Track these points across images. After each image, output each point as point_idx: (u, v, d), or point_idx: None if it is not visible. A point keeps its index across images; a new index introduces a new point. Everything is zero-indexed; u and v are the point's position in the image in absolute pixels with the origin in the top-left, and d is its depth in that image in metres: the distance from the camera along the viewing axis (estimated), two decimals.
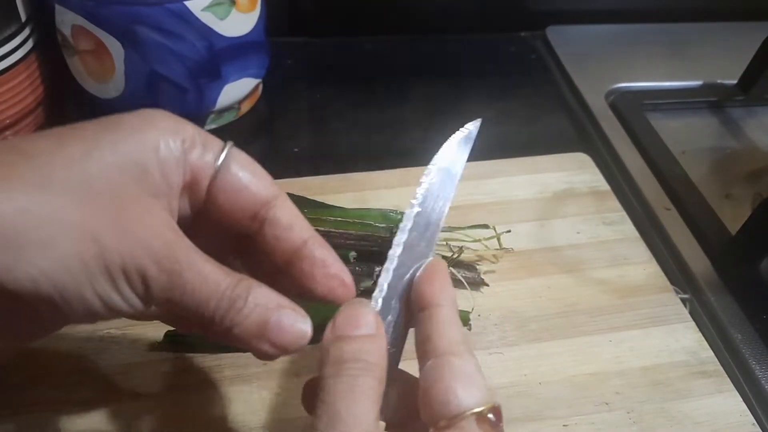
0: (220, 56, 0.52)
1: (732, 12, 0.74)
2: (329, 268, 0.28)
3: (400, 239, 0.28)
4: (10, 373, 0.37)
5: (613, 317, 0.43)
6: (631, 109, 0.62)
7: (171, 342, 0.39)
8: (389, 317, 0.27)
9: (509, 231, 0.46)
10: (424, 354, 0.26)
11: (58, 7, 0.50)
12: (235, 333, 0.26)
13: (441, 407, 0.24)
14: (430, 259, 0.29)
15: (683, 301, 0.45)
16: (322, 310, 0.27)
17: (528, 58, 0.71)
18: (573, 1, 0.74)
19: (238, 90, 0.56)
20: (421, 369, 0.26)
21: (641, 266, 0.46)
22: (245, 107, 0.59)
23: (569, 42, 0.71)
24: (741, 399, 0.39)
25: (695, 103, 0.66)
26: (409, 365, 0.28)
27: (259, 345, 0.26)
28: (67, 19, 0.50)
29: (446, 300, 0.27)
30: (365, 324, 0.25)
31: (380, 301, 0.27)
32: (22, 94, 0.51)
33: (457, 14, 0.72)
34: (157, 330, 0.39)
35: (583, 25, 0.73)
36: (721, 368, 0.41)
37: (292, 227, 0.28)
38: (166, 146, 0.26)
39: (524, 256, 0.46)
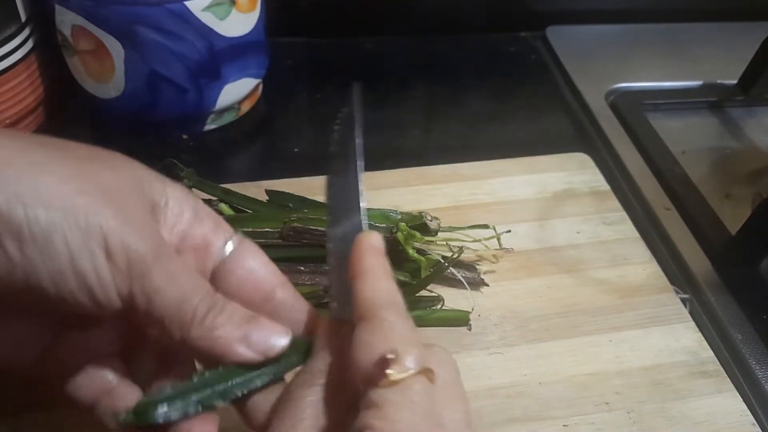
0: (220, 56, 0.52)
1: (732, 12, 0.74)
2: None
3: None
4: (10, 373, 0.37)
5: (613, 317, 0.43)
6: (631, 109, 0.62)
7: None
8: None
9: (509, 231, 0.46)
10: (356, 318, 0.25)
11: (58, 8, 0.50)
12: (217, 335, 0.25)
13: (359, 369, 0.23)
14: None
15: (683, 301, 0.45)
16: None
17: (528, 58, 0.71)
18: (573, 1, 0.74)
19: (238, 90, 0.56)
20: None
21: (641, 266, 0.46)
22: (245, 107, 0.59)
23: (569, 42, 0.71)
24: (741, 399, 0.39)
25: (695, 103, 0.66)
26: None
27: (239, 348, 0.25)
28: (67, 19, 0.50)
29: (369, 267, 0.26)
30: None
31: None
32: (22, 94, 0.51)
33: (457, 14, 0.72)
34: None
35: (583, 25, 0.73)
36: (721, 368, 0.41)
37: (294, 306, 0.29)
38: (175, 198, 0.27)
39: (524, 256, 0.46)
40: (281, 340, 0.26)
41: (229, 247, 0.28)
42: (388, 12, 0.70)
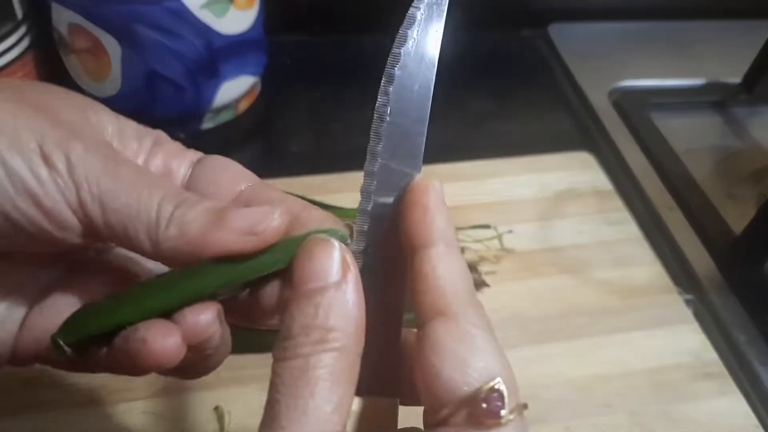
0: (217, 54, 0.52)
1: (736, 10, 0.74)
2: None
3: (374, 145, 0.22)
4: (10, 374, 0.37)
5: (615, 318, 0.43)
6: (635, 107, 0.61)
7: None
8: (373, 263, 0.21)
9: (511, 231, 0.46)
10: (420, 313, 0.20)
11: (54, 5, 0.49)
12: (193, 228, 0.21)
13: (445, 387, 0.19)
14: (417, 176, 0.22)
15: (687, 302, 0.44)
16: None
17: (530, 57, 0.71)
18: None
19: (235, 88, 0.55)
20: (419, 331, 0.20)
21: (644, 267, 0.46)
22: (243, 105, 0.59)
23: (572, 40, 0.71)
24: (745, 401, 0.39)
25: (699, 102, 0.65)
26: None
27: (224, 236, 0.21)
28: (63, 18, 0.49)
29: (435, 235, 0.20)
30: (330, 270, 0.20)
31: (360, 239, 0.21)
32: None
33: (458, 12, 0.71)
34: None
35: (586, 23, 0.73)
36: (724, 370, 0.40)
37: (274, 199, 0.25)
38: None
39: (526, 257, 0.46)
40: (274, 220, 0.21)
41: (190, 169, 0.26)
42: (387, 9, 0.70)
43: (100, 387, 0.37)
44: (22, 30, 0.50)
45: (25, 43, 0.51)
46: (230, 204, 0.24)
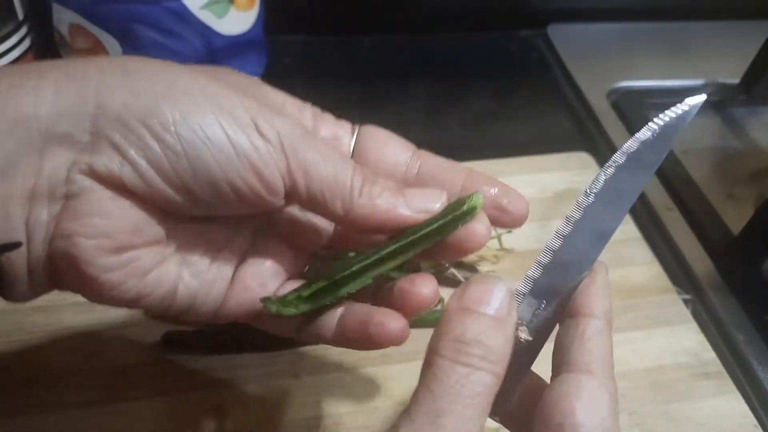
0: (218, 54, 0.52)
1: (735, 11, 0.74)
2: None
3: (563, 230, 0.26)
4: (9, 374, 0.37)
5: (614, 318, 0.42)
6: (634, 108, 0.62)
7: (169, 343, 0.39)
8: (534, 310, 0.25)
9: (510, 231, 0.46)
10: (559, 364, 0.24)
11: (55, 6, 0.49)
12: (378, 203, 0.25)
13: (557, 429, 0.22)
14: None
15: (685, 302, 0.44)
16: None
17: (529, 57, 0.71)
18: None
19: None
20: (552, 378, 0.24)
21: (643, 267, 0.46)
22: None
23: (571, 40, 0.71)
24: (743, 400, 0.39)
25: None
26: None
27: (403, 210, 0.26)
28: (64, 18, 0.49)
29: (600, 311, 0.24)
30: (496, 303, 0.23)
31: (524, 291, 0.25)
32: None
33: (457, 12, 0.72)
34: (155, 331, 0.39)
35: (585, 24, 0.73)
36: (723, 370, 0.40)
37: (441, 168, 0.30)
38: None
39: (525, 257, 0.46)
40: (441, 198, 0.26)
41: (354, 139, 0.29)
42: (387, 10, 0.70)
43: (100, 387, 0.37)
44: (23, 30, 0.50)
45: (26, 43, 0.51)
46: (403, 173, 0.29)
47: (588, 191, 0.26)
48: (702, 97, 0.26)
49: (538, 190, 0.51)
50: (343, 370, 0.39)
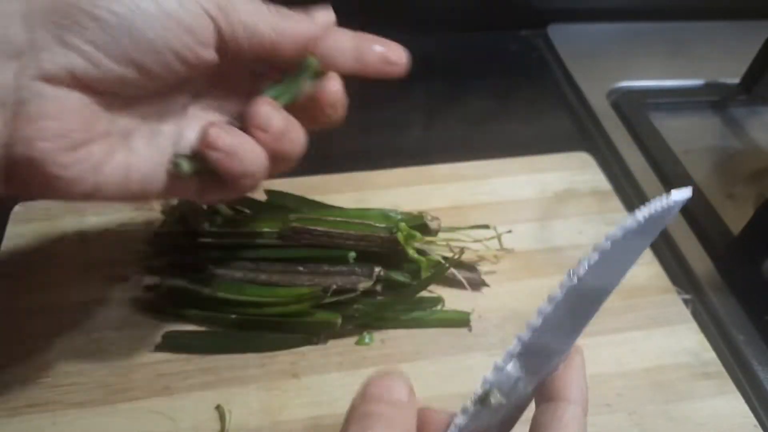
0: None
1: (735, 11, 0.74)
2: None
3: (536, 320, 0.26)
4: (8, 374, 0.37)
5: (614, 318, 0.43)
6: (634, 108, 0.62)
7: (168, 343, 0.39)
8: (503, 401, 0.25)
9: (510, 231, 0.46)
10: None
11: None
12: (296, 25, 0.31)
13: None
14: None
15: (685, 301, 0.44)
16: None
17: (529, 57, 0.71)
18: None
19: None
20: None
21: (643, 267, 0.46)
22: None
23: (571, 40, 0.71)
24: (743, 400, 0.39)
25: (698, 102, 0.65)
26: None
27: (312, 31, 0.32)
28: None
29: (578, 397, 0.25)
30: (397, 394, 0.24)
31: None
32: None
33: (457, 12, 0.72)
34: (155, 331, 0.39)
35: (585, 24, 0.73)
36: (723, 369, 0.40)
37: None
38: None
39: (525, 257, 0.46)
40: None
41: None
42: (387, 10, 0.70)
43: (100, 387, 0.37)
44: None
45: None
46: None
47: (572, 273, 0.27)
48: (688, 192, 0.26)
49: (538, 190, 0.51)
50: (343, 370, 0.39)
